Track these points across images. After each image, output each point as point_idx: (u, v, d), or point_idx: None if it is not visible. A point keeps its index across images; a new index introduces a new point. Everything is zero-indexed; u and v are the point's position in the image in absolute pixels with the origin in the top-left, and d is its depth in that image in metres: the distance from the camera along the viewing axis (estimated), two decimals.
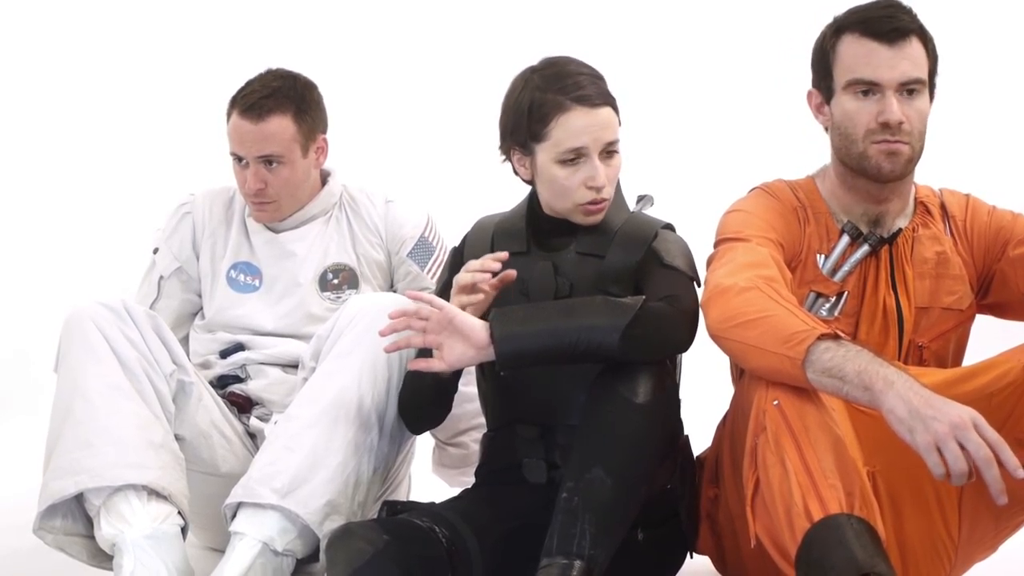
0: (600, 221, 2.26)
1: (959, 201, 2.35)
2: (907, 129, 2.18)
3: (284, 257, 2.69)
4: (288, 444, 2.28)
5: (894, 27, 2.18)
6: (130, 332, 2.34)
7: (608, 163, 2.22)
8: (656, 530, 2.22)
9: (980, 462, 1.77)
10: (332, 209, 2.73)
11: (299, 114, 2.62)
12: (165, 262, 2.75)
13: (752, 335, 1.98)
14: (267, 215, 2.68)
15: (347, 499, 2.27)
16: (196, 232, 2.75)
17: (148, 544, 2.23)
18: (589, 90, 2.19)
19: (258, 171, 2.61)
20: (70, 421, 2.28)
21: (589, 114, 2.18)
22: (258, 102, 2.59)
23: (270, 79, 2.64)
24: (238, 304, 2.68)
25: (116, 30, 4.47)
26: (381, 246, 2.74)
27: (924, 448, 1.79)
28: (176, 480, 2.32)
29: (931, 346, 2.28)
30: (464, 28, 4.55)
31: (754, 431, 1.97)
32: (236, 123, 2.61)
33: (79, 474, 2.24)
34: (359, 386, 2.31)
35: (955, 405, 1.81)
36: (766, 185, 2.35)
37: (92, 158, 4.48)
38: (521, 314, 2.11)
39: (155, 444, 2.30)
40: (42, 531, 2.29)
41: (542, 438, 2.27)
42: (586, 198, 2.21)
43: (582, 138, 2.18)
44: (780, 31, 4.35)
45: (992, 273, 2.31)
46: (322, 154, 2.71)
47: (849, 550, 1.80)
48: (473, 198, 2.97)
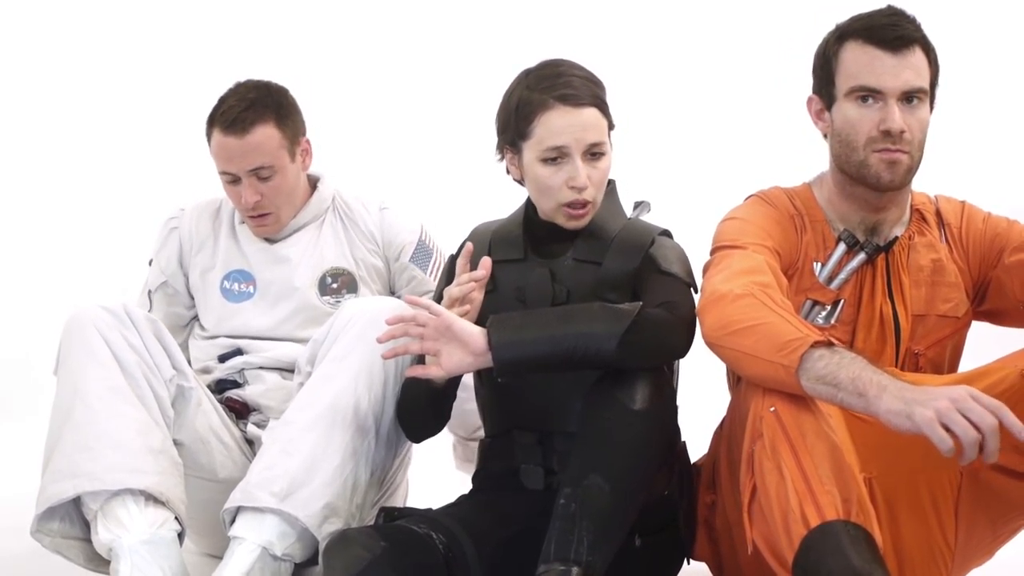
0: (587, 226, 2.26)
1: (955, 208, 2.35)
2: (908, 138, 2.18)
3: (277, 262, 2.69)
4: (285, 448, 2.28)
5: (898, 35, 2.17)
6: (131, 336, 2.35)
7: (593, 165, 2.22)
8: (654, 536, 2.23)
9: (986, 429, 1.76)
10: (324, 214, 2.74)
11: (280, 120, 2.62)
12: (153, 275, 2.78)
13: (747, 343, 1.99)
14: (268, 228, 2.68)
15: (345, 501, 2.28)
16: (183, 248, 2.76)
17: (145, 549, 2.23)
18: (575, 90, 2.20)
19: (252, 184, 2.61)
20: (69, 424, 2.28)
21: (571, 113, 2.19)
22: (239, 116, 2.58)
23: (244, 91, 2.63)
24: (236, 314, 2.68)
25: (116, 35, 4.47)
26: (378, 252, 2.74)
27: (927, 425, 1.77)
28: (174, 486, 2.32)
29: (928, 353, 2.29)
30: (461, 33, 4.55)
31: (751, 438, 1.97)
32: (220, 141, 2.60)
33: (77, 477, 2.24)
34: (355, 390, 2.31)
35: (948, 386, 1.81)
36: (762, 193, 2.35)
37: (94, 163, 4.48)
38: (519, 321, 2.11)
39: (154, 449, 2.30)
40: (40, 533, 2.30)
41: (540, 444, 2.27)
42: (567, 198, 2.22)
43: (563, 137, 2.19)
44: (777, 38, 4.36)
45: (988, 280, 2.31)
46: (307, 156, 2.72)
47: (846, 557, 1.80)
48: (469, 205, 2.98)
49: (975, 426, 1.76)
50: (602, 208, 2.28)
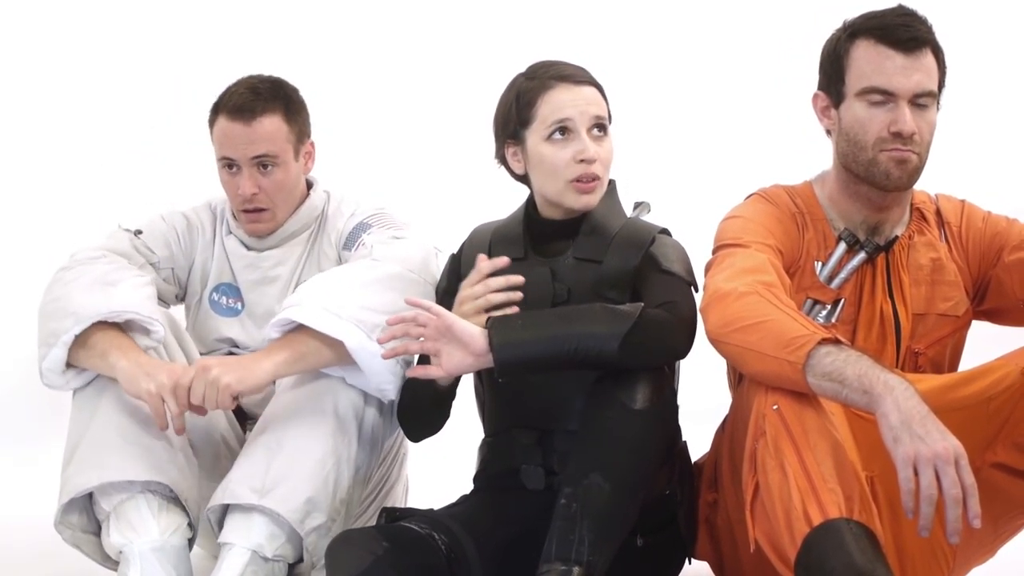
0: (587, 224, 2.26)
1: (954, 207, 2.35)
2: (917, 140, 2.18)
3: (266, 283, 2.60)
4: (266, 444, 2.28)
5: (912, 36, 2.17)
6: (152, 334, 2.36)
7: (599, 143, 2.24)
8: (655, 536, 2.23)
9: (948, 498, 1.78)
10: (313, 223, 2.63)
11: (289, 114, 2.54)
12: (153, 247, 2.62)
13: (752, 339, 1.99)
14: (262, 226, 2.57)
15: (327, 497, 2.26)
16: (196, 247, 2.65)
17: (154, 556, 2.24)
18: (573, 71, 2.26)
19: (252, 174, 2.50)
20: (95, 420, 2.30)
21: (572, 90, 2.23)
22: (248, 103, 2.49)
23: (254, 81, 2.55)
24: (224, 327, 2.62)
25: (115, 36, 4.46)
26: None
27: (902, 460, 1.80)
28: (192, 486, 2.33)
29: (928, 352, 2.29)
30: (461, 33, 4.54)
31: (754, 435, 1.97)
32: (225, 126, 2.50)
33: (102, 468, 2.25)
34: (335, 387, 2.32)
35: (947, 434, 1.81)
36: (764, 191, 2.35)
37: (95, 163, 4.46)
38: (520, 321, 2.11)
39: (175, 447, 2.32)
40: (61, 526, 2.31)
41: (540, 444, 2.27)
42: (576, 172, 2.22)
43: (567, 110, 2.22)
44: (777, 37, 4.36)
45: (988, 279, 2.31)
46: (310, 159, 2.64)
47: (848, 554, 1.80)
48: (469, 205, 2.96)
49: (940, 488, 1.78)
50: (602, 207, 2.28)
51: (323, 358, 2.30)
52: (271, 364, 2.27)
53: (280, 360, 2.28)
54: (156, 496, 2.28)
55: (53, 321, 2.34)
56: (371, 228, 2.54)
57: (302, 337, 2.29)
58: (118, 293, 2.36)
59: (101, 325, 2.32)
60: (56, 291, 2.39)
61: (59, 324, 2.32)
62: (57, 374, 2.35)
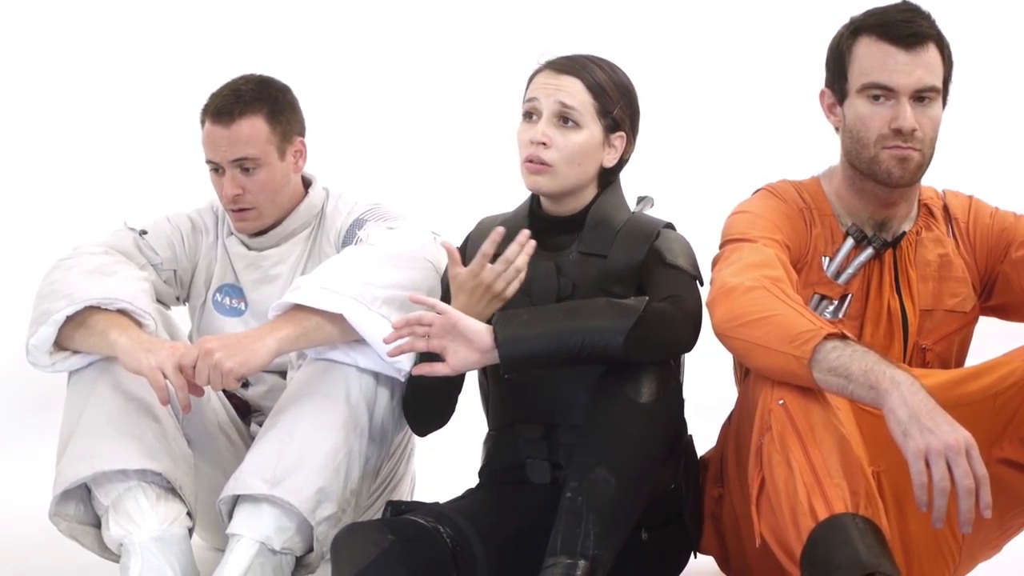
0: (592, 218, 2.25)
1: (962, 203, 2.35)
2: (919, 136, 2.17)
3: (267, 281, 2.61)
4: (277, 435, 2.28)
5: (913, 32, 2.16)
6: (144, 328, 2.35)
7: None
8: (660, 530, 2.23)
9: (961, 489, 1.78)
10: (313, 221, 2.63)
11: (272, 115, 2.54)
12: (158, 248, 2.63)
13: (758, 334, 1.99)
14: (248, 224, 2.58)
15: (339, 487, 2.27)
16: (200, 250, 2.66)
17: (155, 546, 2.24)
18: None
19: (234, 176, 2.52)
20: (87, 412, 2.30)
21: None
22: (228, 106, 2.51)
23: (240, 83, 2.57)
24: (228, 328, 2.60)
25: (114, 37, 4.46)
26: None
27: (913, 454, 1.80)
28: (187, 475, 2.33)
29: (935, 348, 2.29)
30: (461, 34, 4.54)
31: (759, 430, 1.97)
32: (208, 130, 2.54)
33: (95, 458, 2.25)
34: (346, 379, 2.32)
35: (955, 426, 1.81)
36: (771, 186, 2.35)
37: (94, 165, 4.46)
38: (525, 317, 2.11)
39: (168, 437, 2.32)
40: (57, 517, 2.31)
41: (545, 438, 2.27)
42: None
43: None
44: (784, 32, 4.35)
45: (995, 275, 2.31)
46: (300, 157, 2.62)
47: (854, 549, 1.81)
48: (470, 202, 2.95)
49: (953, 480, 1.78)
50: (606, 201, 2.28)
51: (326, 333, 2.30)
52: (274, 341, 2.26)
53: (283, 336, 2.27)
54: (153, 487, 2.28)
55: (47, 301, 2.35)
56: (366, 223, 2.54)
57: (304, 314, 2.29)
58: (114, 282, 2.37)
59: (99, 309, 2.32)
60: (54, 275, 2.41)
61: (52, 304, 2.33)
62: (43, 352, 2.35)
